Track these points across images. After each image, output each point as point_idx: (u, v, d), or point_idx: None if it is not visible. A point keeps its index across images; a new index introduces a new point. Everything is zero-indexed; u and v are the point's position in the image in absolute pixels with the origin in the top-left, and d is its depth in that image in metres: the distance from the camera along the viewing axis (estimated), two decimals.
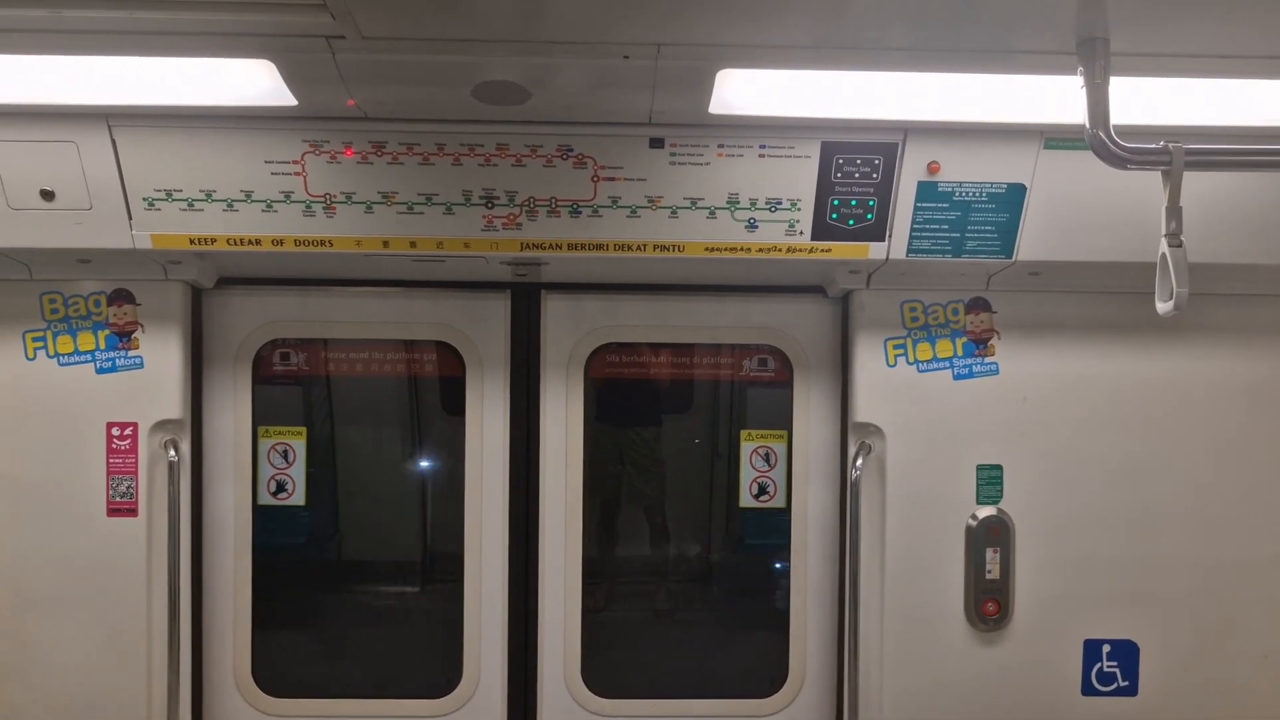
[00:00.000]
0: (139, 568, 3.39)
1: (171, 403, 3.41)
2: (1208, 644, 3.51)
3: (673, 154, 2.96)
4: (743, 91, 2.67)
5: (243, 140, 2.92)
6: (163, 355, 3.40)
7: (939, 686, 3.48)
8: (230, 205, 2.99)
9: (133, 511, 3.39)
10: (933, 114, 2.82)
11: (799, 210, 3.05)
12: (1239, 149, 2.53)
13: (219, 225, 3.02)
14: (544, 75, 2.57)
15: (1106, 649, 3.49)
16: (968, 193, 3.02)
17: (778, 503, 3.78)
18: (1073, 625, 3.49)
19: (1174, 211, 2.42)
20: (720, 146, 2.96)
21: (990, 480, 3.45)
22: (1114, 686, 3.50)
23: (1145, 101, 2.59)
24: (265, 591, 3.68)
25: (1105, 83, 2.31)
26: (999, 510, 3.46)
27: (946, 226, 3.07)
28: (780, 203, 3.04)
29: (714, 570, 4.17)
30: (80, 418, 3.38)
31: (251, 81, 2.60)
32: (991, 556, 3.45)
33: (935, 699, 3.48)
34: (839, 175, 2.99)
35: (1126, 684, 3.49)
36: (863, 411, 3.47)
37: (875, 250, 3.11)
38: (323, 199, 2.99)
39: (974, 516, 3.45)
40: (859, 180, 3.00)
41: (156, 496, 3.40)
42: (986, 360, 3.45)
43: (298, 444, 3.72)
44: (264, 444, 3.70)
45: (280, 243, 3.05)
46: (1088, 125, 2.35)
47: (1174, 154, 2.39)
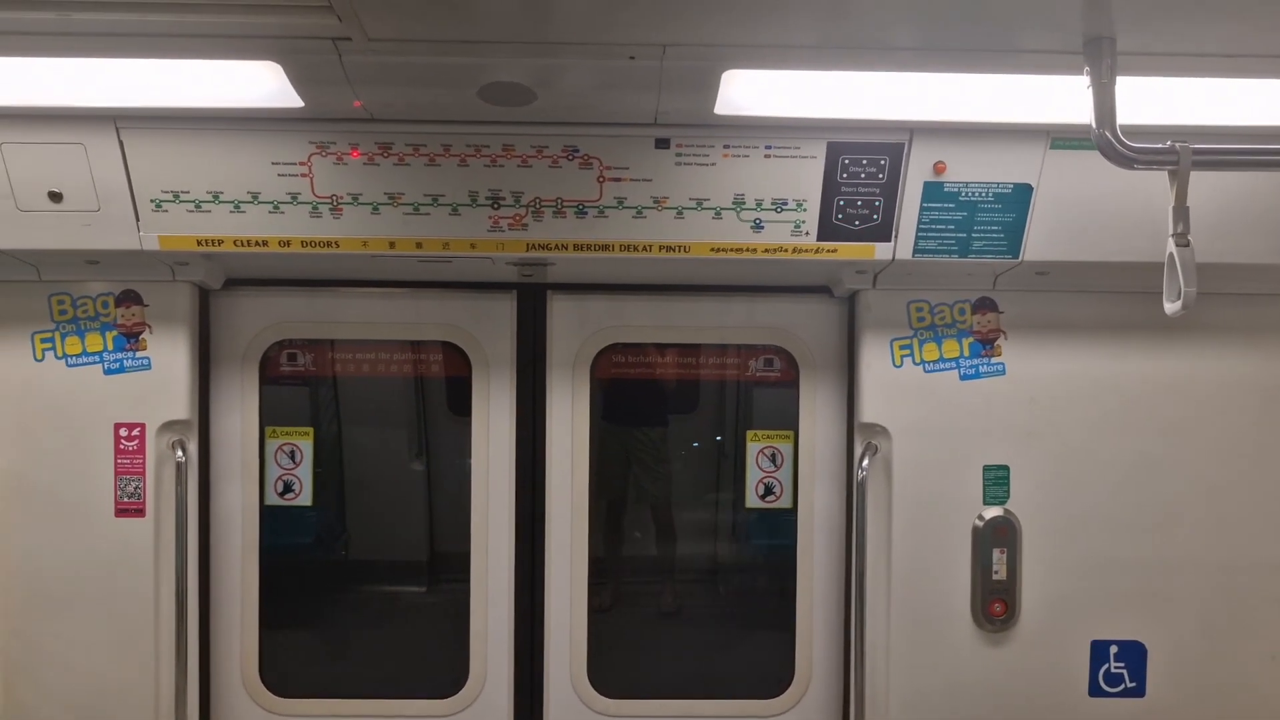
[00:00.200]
0: (147, 568, 3.40)
1: (179, 403, 3.42)
2: (1216, 645, 3.50)
3: (678, 154, 2.96)
4: (748, 92, 2.67)
5: (249, 142, 2.92)
6: (170, 356, 3.41)
7: (946, 687, 3.48)
8: (237, 207, 3.00)
9: (140, 512, 3.40)
10: (939, 114, 2.81)
11: (805, 210, 3.05)
12: (1246, 149, 2.51)
13: (226, 226, 3.03)
14: (550, 76, 2.58)
15: (1114, 650, 3.48)
16: (974, 193, 3.02)
17: (784, 503, 3.77)
18: (1080, 626, 3.48)
19: (1181, 211, 2.41)
20: (726, 147, 2.96)
21: (997, 481, 3.44)
22: (1121, 687, 3.49)
23: (1152, 101, 2.58)
24: (272, 591, 3.70)
25: (1112, 82, 2.30)
26: (1006, 511, 3.45)
27: (953, 227, 3.07)
28: (786, 203, 3.04)
29: (720, 570, 4.17)
30: (88, 418, 3.39)
31: (258, 83, 2.61)
32: (998, 557, 3.44)
33: (942, 699, 3.48)
34: (845, 175, 2.99)
35: (1134, 685, 3.48)
36: (869, 412, 3.46)
37: (881, 250, 3.11)
38: (329, 200, 3.00)
39: (980, 517, 3.45)
40: (865, 180, 3.00)
41: (164, 497, 3.41)
42: (993, 360, 3.44)
43: (305, 444, 3.73)
44: (271, 444, 3.71)
45: (287, 244, 3.06)
46: (1094, 125, 2.35)
47: (1181, 154, 2.38)
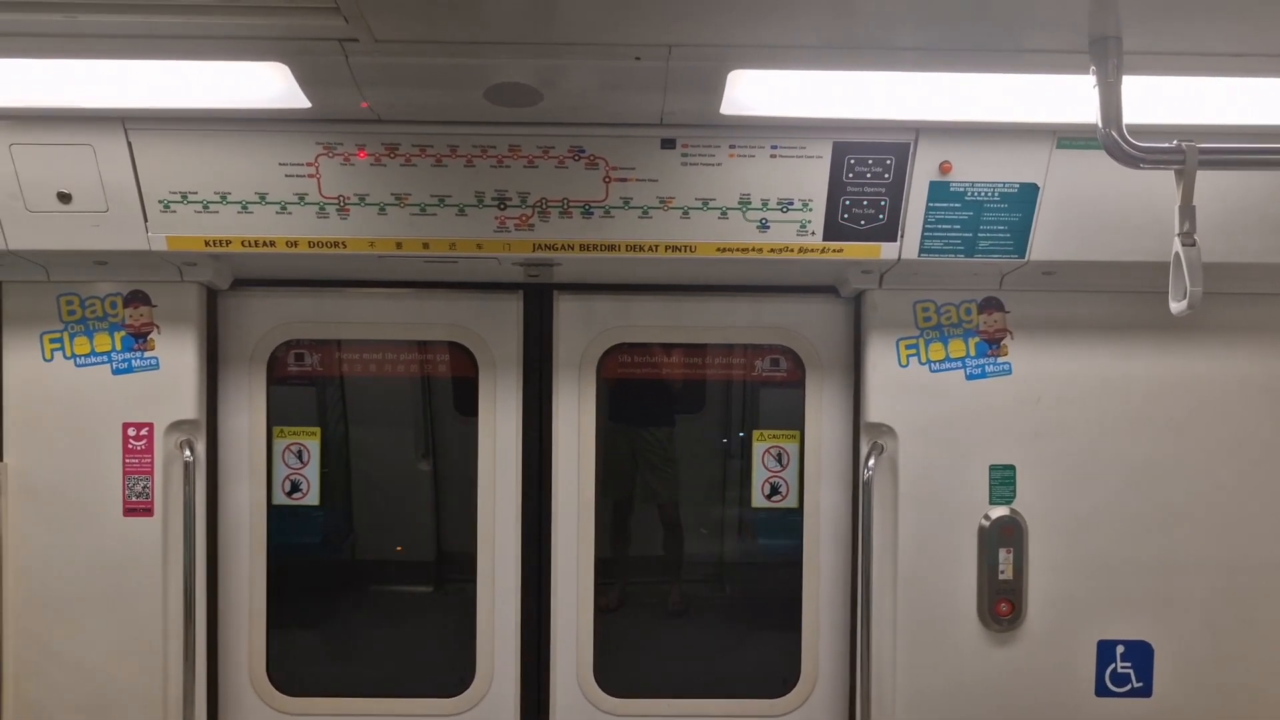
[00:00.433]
0: (155, 567, 3.41)
1: (187, 403, 3.43)
2: (1223, 645, 3.49)
3: (684, 155, 2.97)
4: (754, 92, 2.67)
5: (257, 143, 2.93)
6: (178, 356, 3.42)
7: (952, 687, 3.47)
8: (245, 207, 3.01)
9: (149, 511, 3.42)
10: (945, 114, 2.81)
11: (811, 210, 3.05)
12: (1252, 148, 2.51)
13: (234, 227, 3.04)
14: (556, 77, 2.58)
15: (1121, 650, 3.47)
16: (980, 192, 3.01)
17: (790, 503, 3.77)
18: (1086, 626, 3.47)
19: (1187, 211, 2.41)
20: (732, 147, 2.96)
21: (1003, 480, 3.44)
22: (1128, 688, 3.48)
23: (1158, 100, 2.58)
24: (280, 590, 3.71)
25: (1118, 82, 2.30)
26: (1012, 510, 3.45)
27: (959, 226, 3.07)
28: (792, 203, 3.04)
29: (726, 570, 4.17)
30: (97, 418, 3.40)
31: (265, 85, 2.62)
32: (1005, 557, 3.44)
33: (948, 699, 3.47)
34: (851, 175, 2.99)
35: (1141, 685, 3.48)
36: (875, 412, 3.46)
37: (887, 250, 3.11)
38: (336, 201, 3.01)
39: (987, 517, 3.44)
40: (871, 180, 3.00)
41: (172, 496, 3.43)
42: (999, 360, 3.44)
43: (312, 444, 3.74)
44: (279, 444, 3.72)
45: (294, 244, 3.07)
46: (1100, 124, 2.34)
47: (1187, 153, 2.38)
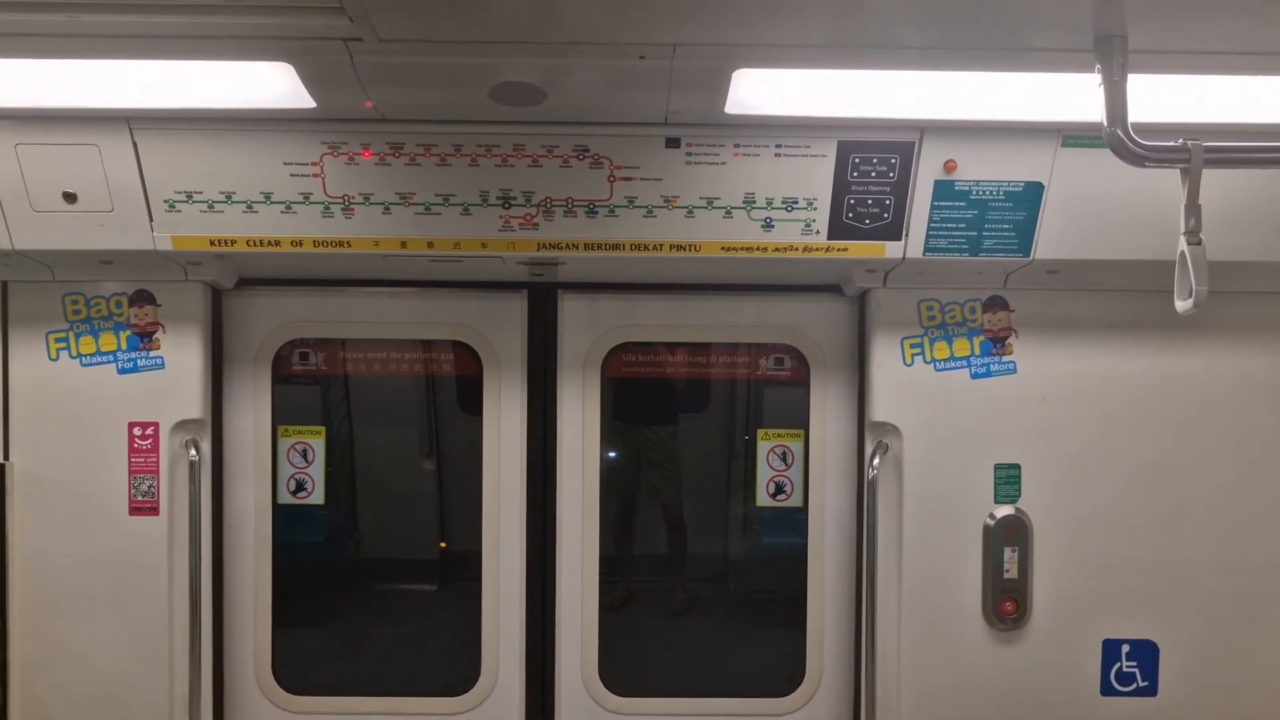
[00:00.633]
0: (160, 566, 3.42)
1: (192, 403, 3.44)
2: (1228, 644, 3.48)
3: (689, 154, 2.96)
4: (759, 91, 2.67)
5: (262, 142, 2.94)
6: (183, 355, 3.42)
7: (957, 686, 3.47)
8: (250, 207, 3.01)
9: (154, 510, 3.42)
10: (949, 112, 2.81)
11: (815, 209, 3.04)
12: (1258, 146, 2.50)
13: (239, 227, 3.04)
14: (560, 76, 2.58)
15: (1126, 649, 3.47)
16: (985, 191, 3.01)
17: (795, 502, 3.77)
18: (1092, 625, 3.47)
19: (1193, 209, 2.41)
20: (736, 146, 2.96)
21: (1008, 479, 3.44)
22: (1133, 686, 3.48)
23: (1164, 99, 2.57)
24: (285, 589, 3.71)
25: (1123, 80, 2.30)
26: (1017, 509, 3.44)
27: (964, 225, 3.06)
28: (796, 202, 3.04)
29: (731, 569, 4.17)
30: (102, 418, 3.41)
31: (270, 84, 2.62)
32: (1009, 556, 3.44)
33: (953, 698, 3.47)
34: (855, 174, 2.99)
35: (1146, 684, 3.47)
36: (880, 411, 3.46)
37: (892, 249, 3.11)
38: (341, 200, 3.01)
39: (992, 516, 3.44)
40: (875, 179, 2.99)
41: (178, 496, 3.43)
42: (1004, 359, 3.44)
43: (317, 443, 3.75)
44: (283, 443, 3.72)
45: (299, 244, 3.08)
46: (1106, 123, 2.34)
47: (1193, 151, 2.38)
